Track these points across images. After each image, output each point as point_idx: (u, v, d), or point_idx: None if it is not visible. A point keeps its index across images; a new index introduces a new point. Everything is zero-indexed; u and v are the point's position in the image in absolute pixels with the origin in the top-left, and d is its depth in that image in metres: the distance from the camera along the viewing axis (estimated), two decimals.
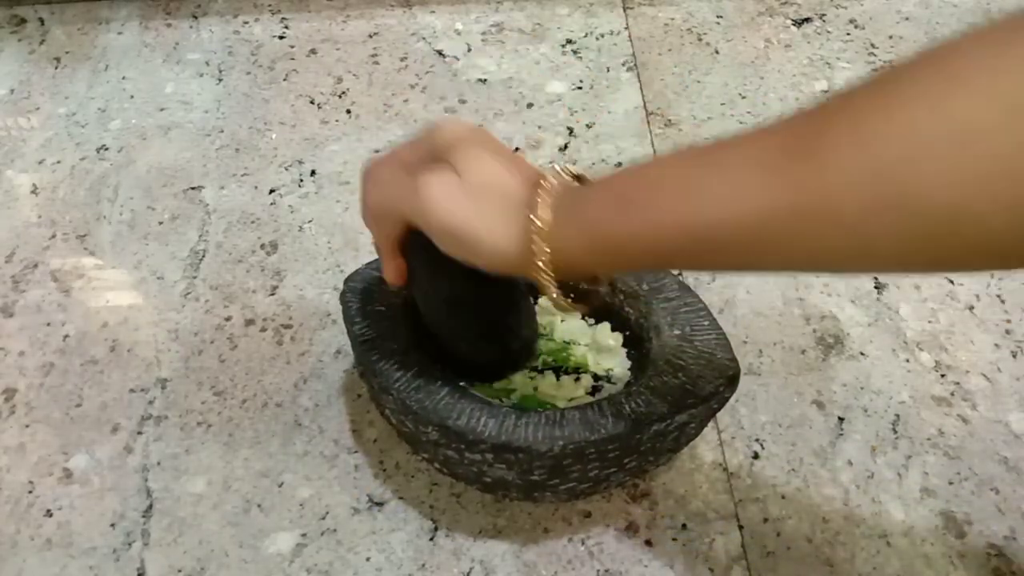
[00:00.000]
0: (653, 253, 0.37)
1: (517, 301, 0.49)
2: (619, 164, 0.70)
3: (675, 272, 0.54)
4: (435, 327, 0.49)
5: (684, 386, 0.46)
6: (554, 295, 0.40)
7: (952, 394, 0.57)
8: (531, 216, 0.38)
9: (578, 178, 0.40)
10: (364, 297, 0.52)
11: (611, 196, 0.38)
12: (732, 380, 0.47)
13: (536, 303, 0.54)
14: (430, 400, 0.46)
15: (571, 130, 0.73)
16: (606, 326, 0.54)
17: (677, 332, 0.50)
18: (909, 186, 0.29)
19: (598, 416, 0.45)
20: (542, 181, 0.39)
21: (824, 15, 0.83)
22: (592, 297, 0.44)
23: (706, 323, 0.50)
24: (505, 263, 0.40)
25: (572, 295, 0.42)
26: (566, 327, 0.54)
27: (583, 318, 0.55)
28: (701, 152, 0.36)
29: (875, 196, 0.29)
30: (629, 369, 0.53)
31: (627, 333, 0.54)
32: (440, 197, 0.39)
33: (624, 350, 0.54)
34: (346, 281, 0.53)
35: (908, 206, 0.29)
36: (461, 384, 0.49)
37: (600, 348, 0.53)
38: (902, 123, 0.29)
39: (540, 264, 0.38)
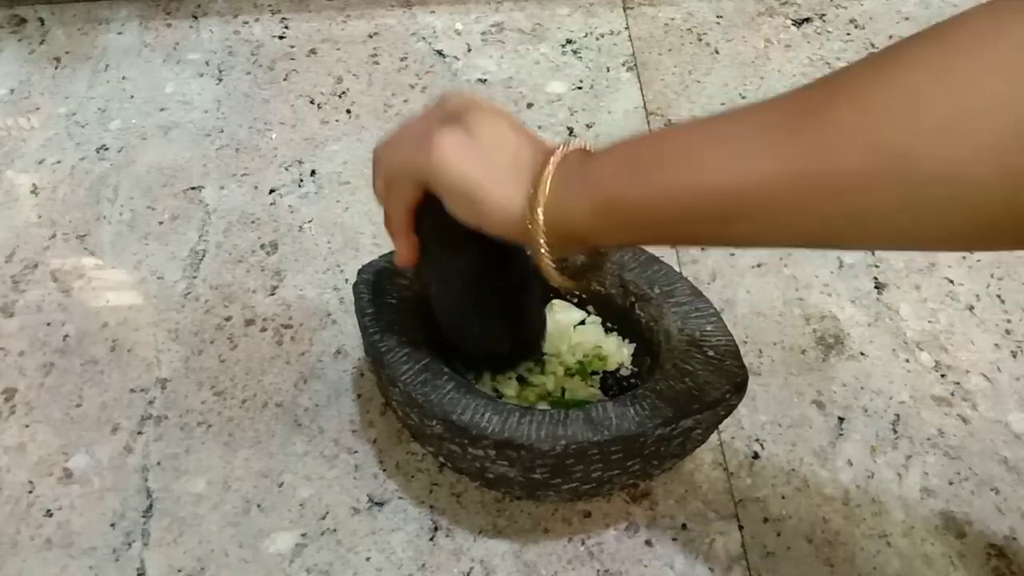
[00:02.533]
0: (655, 220, 0.37)
1: (530, 284, 0.49)
2: None
3: (684, 276, 0.54)
4: (446, 310, 0.50)
5: (691, 391, 0.46)
6: (545, 261, 0.40)
7: (952, 394, 0.57)
8: (535, 178, 0.38)
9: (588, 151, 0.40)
10: (376, 289, 0.52)
11: (617, 159, 0.38)
12: (739, 387, 0.47)
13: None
14: (436, 394, 0.46)
15: (571, 130, 0.73)
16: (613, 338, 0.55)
17: (686, 337, 0.49)
18: (910, 153, 0.29)
19: (602, 417, 0.45)
20: (553, 149, 0.39)
21: (824, 15, 0.83)
22: (589, 275, 0.44)
23: (716, 329, 0.49)
24: (507, 225, 0.40)
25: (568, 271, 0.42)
26: (579, 333, 0.55)
27: (587, 312, 0.55)
28: (709, 120, 0.36)
29: (877, 163, 0.29)
30: (636, 372, 0.53)
31: (631, 340, 0.55)
32: (453, 154, 0.39)
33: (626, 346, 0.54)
34: (359, 272, 0.53)
35: (909, 173, 0.29)
36: (497, 381, 0.51)
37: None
38: (905, 91, 0.29)
39: (535, 228, 0.38)
